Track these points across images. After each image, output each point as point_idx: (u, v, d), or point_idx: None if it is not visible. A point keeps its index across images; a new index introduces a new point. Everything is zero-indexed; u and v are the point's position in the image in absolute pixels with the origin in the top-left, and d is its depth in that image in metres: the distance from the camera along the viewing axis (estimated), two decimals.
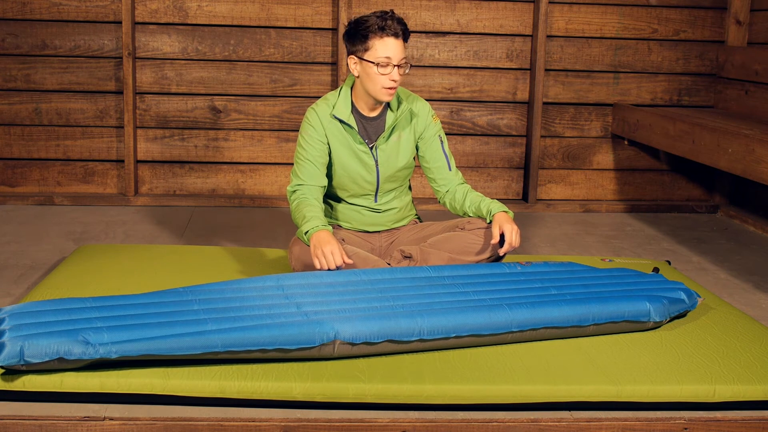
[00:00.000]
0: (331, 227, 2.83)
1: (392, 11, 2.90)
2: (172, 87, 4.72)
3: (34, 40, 4.61)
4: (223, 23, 4.68)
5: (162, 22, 4.65)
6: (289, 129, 4.82)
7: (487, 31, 4.83)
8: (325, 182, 3.00)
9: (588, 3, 4.86)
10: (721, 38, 4.98)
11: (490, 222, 2.95)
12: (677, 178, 5.09)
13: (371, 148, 3.01)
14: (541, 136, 4.94)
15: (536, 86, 4.82)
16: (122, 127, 4.71)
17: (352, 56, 2.93)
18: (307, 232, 2.79)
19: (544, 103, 4.92)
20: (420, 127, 3.06)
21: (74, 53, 4.64)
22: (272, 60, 4.75)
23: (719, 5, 4.94)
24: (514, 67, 4.88)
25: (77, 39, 4.63)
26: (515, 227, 2.87)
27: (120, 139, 4.73)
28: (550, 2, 4.80)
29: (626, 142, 4.95)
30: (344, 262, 2.73)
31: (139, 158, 4.76)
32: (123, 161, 4.75)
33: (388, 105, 3.02)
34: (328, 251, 2.71)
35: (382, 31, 2.85)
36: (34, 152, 4.72)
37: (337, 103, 2.99)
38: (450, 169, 3.09)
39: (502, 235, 2.89)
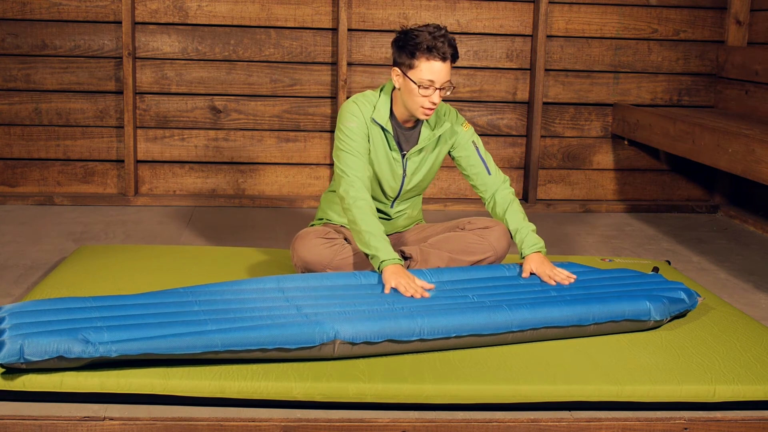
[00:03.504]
0: (401, 260, 2.77)
1: (445, 29, 2.78)
2: (172, 87, 4.72)
3: (34, 40, 4.61)
4: (223, 23, 4.68)
5: (162, 22, 4.65)
6: (289, 129, 4.82)
7: (487, 31, 4.83)
8: (371, 172, 2.91)
9: (588, 3, 4.86)
10: (721, 38, 4.98)
11: (523, 258, 2.90)
12: (677, 178, 5.09)
13: (403, 157, 2.97)
14: (541, 136, 4.94)
15: (536, 86, 4.82)
16: (122, 127, 4.71)
17: (396, 68, 2.82)
18: (382, 261, 2.72)
19: (544, 103, 4.92)
20: (452, 140, 3.01)
21: (74, 53, 4.64)
22: (272, 60, 4.75)
23: (719, 5, 4.94)
24: (514, 67, 4.88)
25: (77, 39, 4.63)
26: (552, 271, 2.82)
27: (120, 139, 4.73)
28: (550, 2, 4.80)
29: (626, 142, 4.95)
30: (423, 291, 2.68)
31: (139, 158, 4.76)
32: (123, 161, 4.75)
33: None
34: (405, 284, 2.67)
35: (430, 52, 2.73)
36: (34, 152, 4.72)
37: (378, 106, 2.90)
38: (489, 173, 3.01)
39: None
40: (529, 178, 4.93)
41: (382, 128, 2.90)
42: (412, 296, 2.63)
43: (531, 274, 2.85)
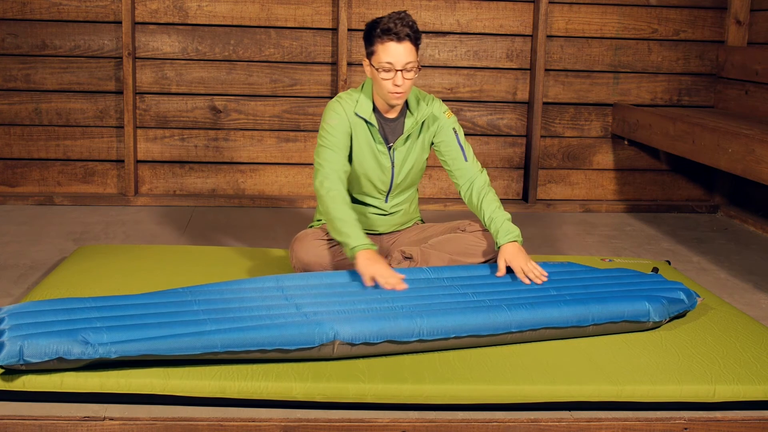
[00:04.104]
0: (374, 245, 2.74)
1: (404, 13, 2.83)
2: (172, 87, 4.72)
3: (34, 40, 4.61)
4: (223, 23, 4.68)
5: (162, 22, 4.65)
6: (289, 129, 4.82)
7: (487, 31, 4.83)
8: (349, 168, 2.92)
9: (588, 3, 4.86)
10: (721, 38, 4.98)
11: (499, 248, 2.87)
12: (677, 178, 5.09)
13: (389, 149, 2.99)
14: (541, 136, 4.94)
15: (536, 86, 4.82)
16: (122, 127, 4.71)
17: (365, 59, 2.88)
18: (353, 248, 2.72)
19: (544, 103, 4.92)
20: (435, 127, 3.02)
21: (74, 53, 4.64)
22: (272, 60, 4.75)
23: (719, 5, 4.94)
24: (514, 67, 4.88)
25: (77, 39, 4.63)
26: (527, 264, 2.80)
27: (120, 139, 4.73)
28: (550, 2, 4.80)
29: (626, 142, 4.95)
30: (400, 281, 2.65)
31: (139, 158, 4.76)
32: (123, 161, 4.75)
33: (407, 107, 2.98)
34: (382, 274, 2.65)
35: (385, 34, 2.78)
36: (34, 152, 4.72)
37: (360, 100, 2.92)
38: (466, 160, 3.00)
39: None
40: (529, 178, 4.93)
41: (367, 122, 2.91)
42: (393, 289, 2.61)
43: (507, 268, 2.82)
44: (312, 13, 4.72)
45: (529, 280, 2.78)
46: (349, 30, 4.70)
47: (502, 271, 2.82)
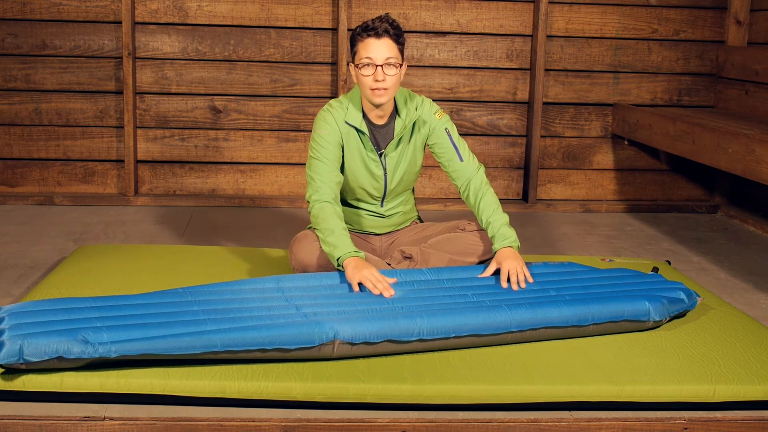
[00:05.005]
0: (361, 252, 2.74)
1: (386, 15, 2.86)
2: (172, 87, 4.72)
3: (34, 40, 4.61)
4: (223, 23, 4.68)
5: (162, 22, 4.65)
6: (289, 129, 4.82)
7: (487, 31, 4.83)
8: (341, 178, 2.93)
9: (588, 3, 4.86)
10: (721, 38, 4.98)
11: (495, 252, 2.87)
12: (677, 178, 5.09)
13: (380, 156, 2.98)
14: (541, 136, 4.94)
15: (536, 86, 4.82)
16: (122, 127, 4.71)
17: (350, 63, 2.90)
18: (338, 257, 2.72)
19: (544, 103, 4.92)
20: (426, 130, 3.02)
21: (74, 53, 4.64)
22: (272, 60, 4.75)
23: (719, 5, 4.94)
24: (514, 67, 4.88)
25: (77, 39, 4.63)
26: (514, 268, 2.78)
27: (120, 139, 4.73)
28: (550, 2, 4.80)
29: (626, 142, 4.95)
30: (388, 286, 2.65)
31: (139, 158, 4.76)
32: (123, 161, 4.75)
33: (396, 112, 2.97)
34: (370, 278, 2.64)
35: (364, 32, 2.82)
36: (34, 152, 4.72)
37: (350, 108, 2.93)
38: (462, 160, 3.00)
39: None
40: (529, 178, 4.93)
41: (357, 130, 2.91)
42: (381, 294, 2.60)
43: (494, 274, 2.83)
44: (312, 13, 4.72)
45: (508, 283, 2.76)
46: (349, 30, 4.70)
47: (487, 273, 2.82)
